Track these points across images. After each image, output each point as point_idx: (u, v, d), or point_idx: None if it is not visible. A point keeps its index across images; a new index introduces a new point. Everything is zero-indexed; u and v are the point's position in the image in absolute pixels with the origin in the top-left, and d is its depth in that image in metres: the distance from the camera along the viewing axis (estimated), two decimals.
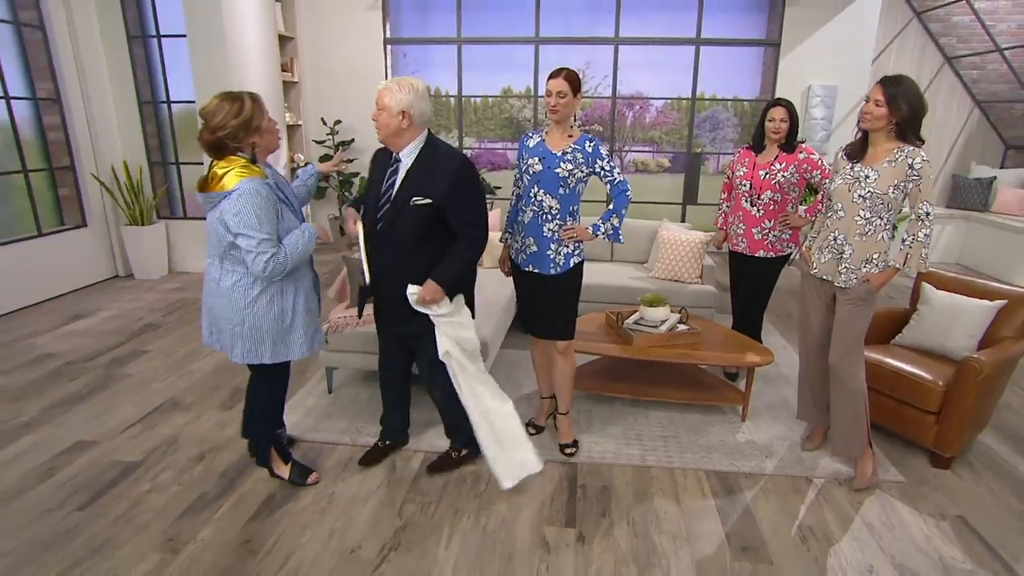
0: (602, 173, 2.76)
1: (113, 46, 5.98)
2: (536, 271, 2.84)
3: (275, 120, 2.44)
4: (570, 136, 2.75)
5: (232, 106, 2.27)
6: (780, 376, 3.92)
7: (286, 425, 3.12)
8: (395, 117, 2.43)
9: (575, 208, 2.81)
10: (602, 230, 2.80)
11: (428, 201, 2.46)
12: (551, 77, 2.70)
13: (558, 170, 2.71)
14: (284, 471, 2.78)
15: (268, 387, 2.66)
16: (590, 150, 2.72)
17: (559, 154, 2.72)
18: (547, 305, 2.89)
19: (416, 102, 2.44)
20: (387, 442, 3.06)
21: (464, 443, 2.91)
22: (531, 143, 2.82)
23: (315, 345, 2.59)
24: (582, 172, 2.73)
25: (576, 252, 2.83)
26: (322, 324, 3.60)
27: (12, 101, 5.23)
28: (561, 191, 2.74)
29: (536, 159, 2.76)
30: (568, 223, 2.79)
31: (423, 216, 2.48)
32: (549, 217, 2.77)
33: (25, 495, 2.71)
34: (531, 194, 2.79)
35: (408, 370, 2.96)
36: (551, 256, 2.80)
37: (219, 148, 2.29)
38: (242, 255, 2.30)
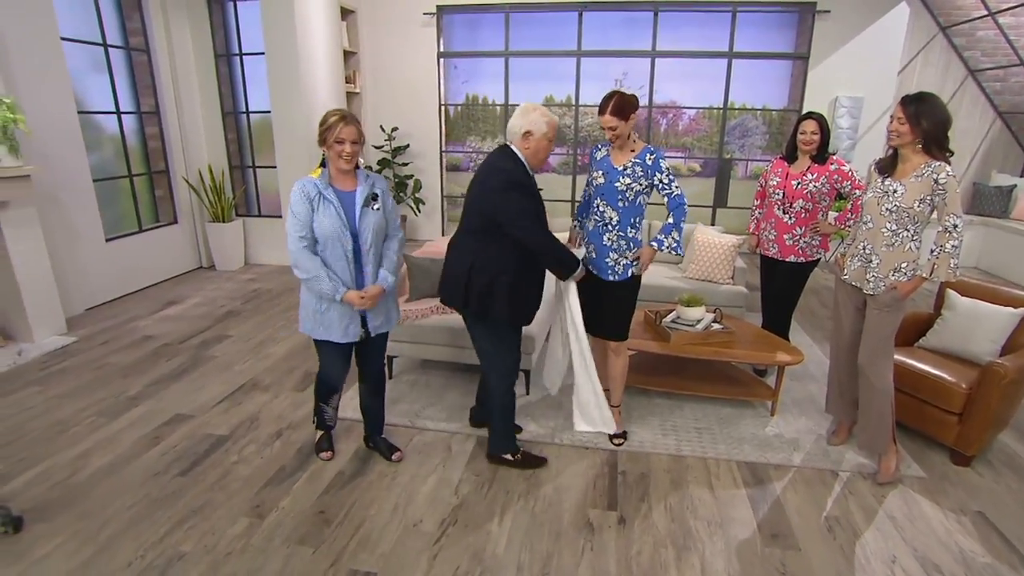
0: (660, 186, 2.66)
1: (203, 64, 6.15)
2: (596, 275, 2.81)
3: (345, 149, 2.37)
4: (632, 150, 2.68)
5: (326, 117, 2.40)
6: (807, 373, 3.82)
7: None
8: None
9: (636, 220, 2.73)
10: (665, 244, 2.69)
11: None
12: (600, 112, 2.61)
13: (617, 184, 2.66)
14: (315, 436, 2.98)
15: (320, 361, 2.74)
16: (650, 163, 2.64)
17: (620, 169, 2.67)
18: (604, 308, 2.84)
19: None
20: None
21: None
22: (599, 155, 2.77)
23: (349, 336, 2.57)
24: (641, 185, 2.66)
25: (635, 263, 2.78)
26: None
27: (123, 116, 5.46)
28: (620, 204, 2.68)
29: (600, 172, 2.72)
30: (628, 233, 2.71)
31: None
32: (609, 228, 2.72)
33: (138, 459, 2.85)
34: (595, 204, 2.76)
35: None
36: (610, 264, 2.76)
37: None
38: None
